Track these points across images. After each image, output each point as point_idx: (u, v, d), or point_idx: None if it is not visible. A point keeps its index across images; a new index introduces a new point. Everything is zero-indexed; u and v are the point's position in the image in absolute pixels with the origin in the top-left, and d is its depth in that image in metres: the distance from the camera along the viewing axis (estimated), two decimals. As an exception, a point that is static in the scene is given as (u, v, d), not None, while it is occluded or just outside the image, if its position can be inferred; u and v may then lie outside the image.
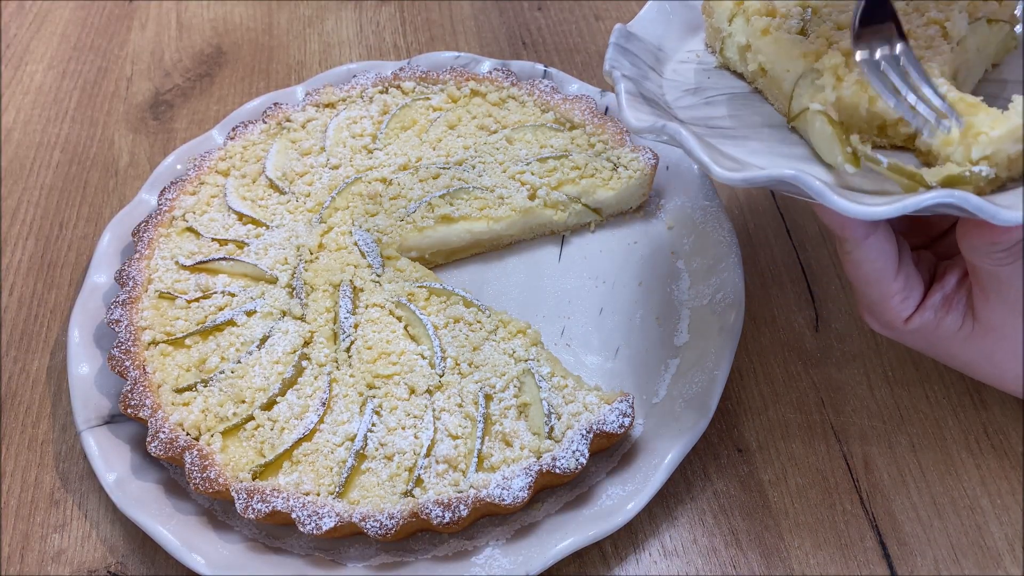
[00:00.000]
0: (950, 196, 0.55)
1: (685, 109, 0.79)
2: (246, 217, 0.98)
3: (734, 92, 0.82)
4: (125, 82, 1.29)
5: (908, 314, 0.69)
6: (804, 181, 0.58)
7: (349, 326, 0.87)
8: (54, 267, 1.05)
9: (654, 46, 0.85)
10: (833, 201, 0.57)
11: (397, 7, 1.39)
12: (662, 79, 0.83)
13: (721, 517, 0.79)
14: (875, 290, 0.68)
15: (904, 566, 0.75)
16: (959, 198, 0.54)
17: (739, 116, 0.78)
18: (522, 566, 0.72)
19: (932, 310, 0.68)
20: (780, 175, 0.59)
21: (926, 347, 0.72)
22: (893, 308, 0.69)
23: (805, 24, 0.79)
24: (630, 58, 0.80)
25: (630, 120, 0.69)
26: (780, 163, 0.69)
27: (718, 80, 0.84)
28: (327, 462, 0.77)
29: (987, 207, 0.54)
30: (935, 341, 0.70)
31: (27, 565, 0.80)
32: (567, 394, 0.79)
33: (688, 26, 0.89)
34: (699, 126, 0.75)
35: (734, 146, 0.71)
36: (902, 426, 0.84)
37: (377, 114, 1.09)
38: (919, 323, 0.69)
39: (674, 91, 0.81)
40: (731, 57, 0.84)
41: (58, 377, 0.94)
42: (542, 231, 1.00)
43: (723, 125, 0.76)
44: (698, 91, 0.82)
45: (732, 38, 0.83)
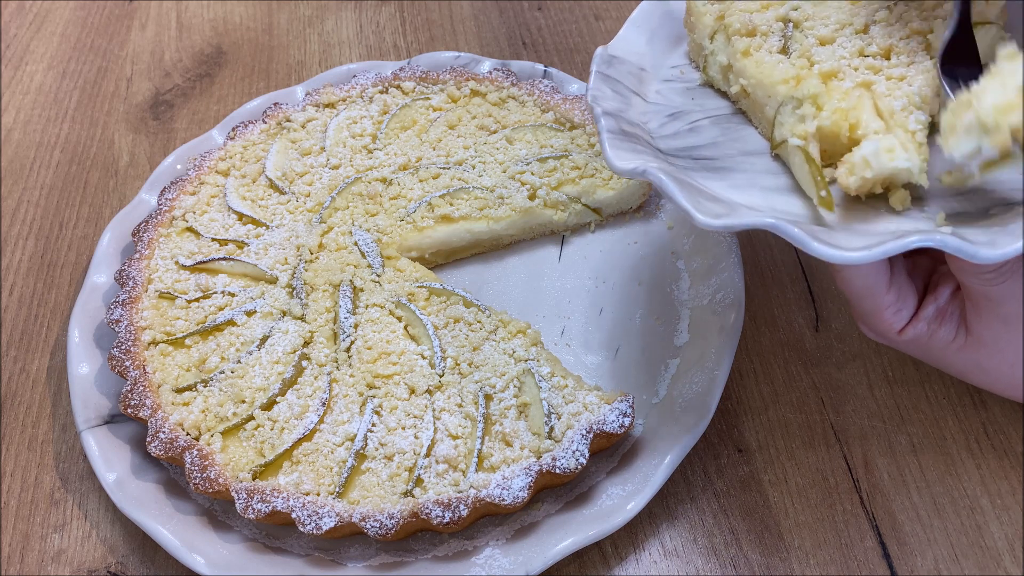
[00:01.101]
0: (930, 239, 0.56)
1: (668, 138, 0.78)
2: (246, 217, 0.98)
3: (718, 114, 0.81)
4: (125, 82, 1.29)
5: (902, 326, 0.69)
6: (783, 230, 0.59)
7: (349, 326, 0.87)
8: (54, 267, 1.05)
9: (636, 66, 0.84)
10: (814, 248, 0.57)
11: (397, 7, 1.39)
12: (646, 103, 0.82)
13: (721, 517, 0.79)
14: (868, 303, 0.69)
15: (904, 566, 0.75)
16: (939, 241, 0.56)
17: (723, 143, 0.77)
18: (522, 566, 0.72)
19: (925, 322, 0.69)
20: (760, 223, 0.60)
21: (921, 355, 0.73)
22: (886, 320, 0.69)
23: (787, 41, 0.78)
24: (612, 85, 0.79)
25: (612, 162, 0.68)
26: (763, 198, 0.69)
27: (702, 100, 0.83)
28: (327, 462, 0.77)
29: (966, 247, 0.55)
30: (929, 351, 0.71)
31: (27, 565, 0.80)
32: (567, 394, 0.79)
33: (672, 38, 0.88)
34: (682, 158, 0.74)
35: (717, 180, 0.71)
36: (902, 426, 0.84)
37: (377, 114, 1.09)
38: (913, 334, 0.69)
39: (657, 117, 0.80)
40: (714, 76, 0.83)
41: (58, 377, 0.94)
42: (542, 231, 1.00)
43: (706, 155, 0.75)
44: (681, 115, 0.81)
45: (714, 56, 0.82)
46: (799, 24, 0.80)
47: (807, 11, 0.80)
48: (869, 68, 0.73)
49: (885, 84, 0.70)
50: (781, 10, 0.81)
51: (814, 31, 0.78)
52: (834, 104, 0.68)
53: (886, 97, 0.69)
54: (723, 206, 0.65)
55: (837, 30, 0.78)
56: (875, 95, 0.70)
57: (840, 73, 0.73)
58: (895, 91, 0.69)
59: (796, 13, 0.81)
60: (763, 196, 0.69)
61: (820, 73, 0.73)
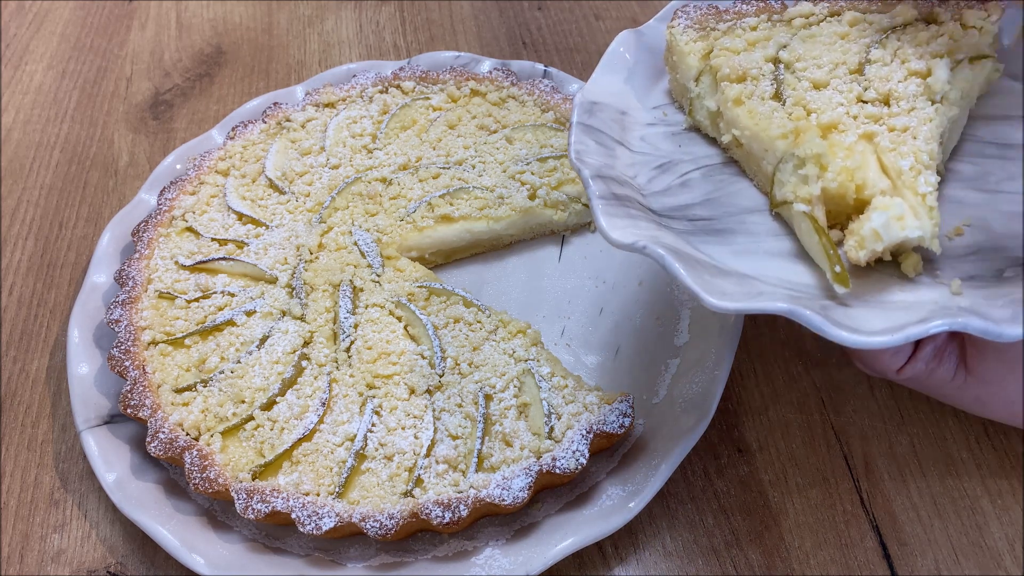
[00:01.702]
0: (953, 323, 0.54)
1: (660, 195, 0.73)
2: (246, 217, 0.98)
3: (709, 163, 0.77)
4: (125, 82, 1.29)
5: (900, 366, 0.68)
6: (802, 316, 0.56)
7: (349, 326, 0.87)
8: (54, 267, 1.05)
9: (617, 111, 0.79)
10: (837, 335, 0.55)
11: (397, 7, 1.39)
12: (632, 153, 0.77)
13: (721, 517, 0.79)
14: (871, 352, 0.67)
15: (904, 566, 0.75)
16: (962, 324, 0.54)
17: (718, 199, 0.73)
18: (522, 566, 0.72)
19: (923, 362, 0.67)
20: (775, 309, 0.57)
21: (917, 388, 0.72)
22: (884, 361, 0.68)
23: (779, 85, 0.74)
24: (595, 136, 0.74)
25: (609, 234, 0.63)
26: (769, 266, 0.66)
27: (690, 147, 0.79)
28: (327, 462, 0.77)
29: (991, 328, 0.54)
30: (927, 387, 0.70)
31: (27, 565, 0.80)
32: (567, 394, 0.79)
33: (651, 73, 0.83)
34: (678, 219, 0.70)
35: (718, 244, 0.68)
36: (902, 426, 0.84)
37: (377, 114, 1.09)
38: (911, 373, 0.68)
39: (645, 170, 0.76)
40: (701, 120, 0.79)
41: (58, 377, 0.94)
42: (542, 231, 1.00)
43: (703, 215, 0.72)
44: (670, 166, 0.77)
45: (701, 100, 0.78)
46: (790, 65, 0.76)
47: (797, 50, 0.76)
48: (869, 117, 0.69)
49: (888, 136, 0.67)
50: (770, 49, 0.77)
51: (807, 73, 0.74)
52: (839, 164, 0.64)
53: (890, 152, 0.66)
54: (731, 281, 0.61)
55: (830, 71, 0.74)
56: (879, 149, 0.66)
57: (840, 124, 0.69)
58: (900, 145, 0.66)
59: (786, 53, 0.77)
60: (768, 263, 0.66)
61: (819, 125, 0.69)
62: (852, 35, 0.78)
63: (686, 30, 0.80)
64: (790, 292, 0.62)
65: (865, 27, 0.78)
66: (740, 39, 0.79)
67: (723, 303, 0.58)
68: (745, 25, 0.81)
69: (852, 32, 0.78)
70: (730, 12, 0.82)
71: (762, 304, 0.57)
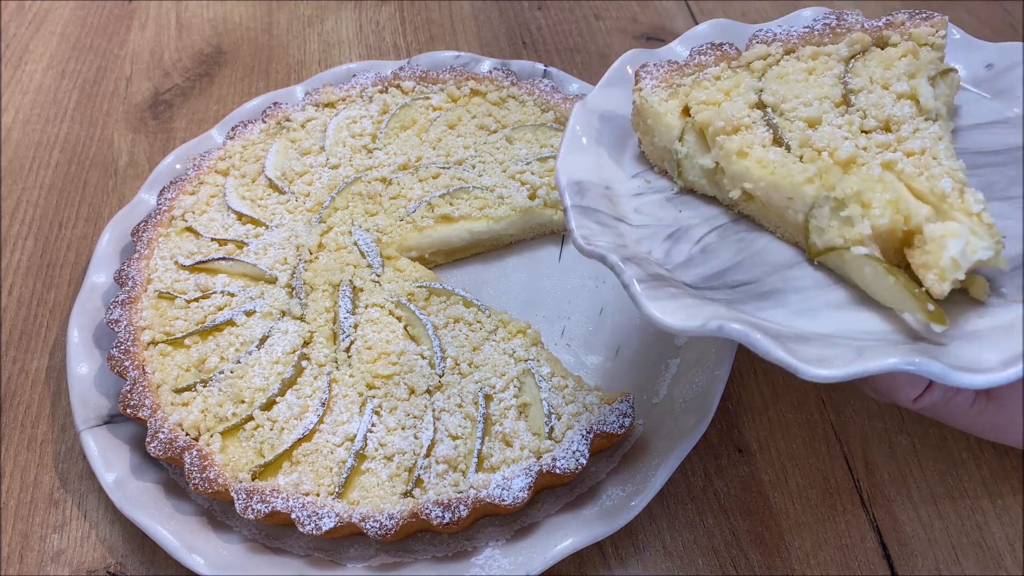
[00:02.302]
0: None
1: (684, 267, 0.68)
2: (245, 217, 0.98)
3: (718, 225, 0.73)
4: (124, 82, 1.29)
5: (916, 395, 0.65)
6: (926, 369, 0.53)
7: (349, 326, 0.87)
8: (53, 267, 1.05)
9: (601, 186, 0.74)
10: (961, 380, 0.52)
11: (397, 7, 1.39)
12: (633, 228, 0.72)
13: (721, 517, 0.79)
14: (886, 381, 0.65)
15: (905, 566, 0.75)
16: None
17: (750, 261, 0.69)
18: (522, 566, 0.72)
19: (941, 391, 0.65)
20: (890, 366, 0.53)
21: (932, 417, 0.69)
22: (901, 392, 0.65)
23: (775, 130, 0.71)
24: (594, 217, 0.69)
25: (667, 322, 0.57)
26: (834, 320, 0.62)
27: (691, 212, 0.74)
28: (327, 462, 0.77)
29: None
30: (943, 416, 0.68)
31: (26, 565, 0.80)
32: (567, 394, 0.79)
33: (617, 141, 0.79)
34: (717, 288, 0.66)
35: (773, 308, 0.63)
36: (903, 426, 0.84)
37: (377, 114, 1.09)
38: (928, 403, 0.66)
39: (656, 243, 0.71)
40: (695, 181, 0.75)
41: (57, 377, 0.94)
42: (542, 231, 1.00)
43: (743, 279, 0.67)
44: (680, 234, 0.72)
45: (691, 160, 0.74)
46: (777, 108, 0.73)
47: (777, 92, 0.74)
48: (880, 146, 0.67)
49: (909, 162, 0.65)
50: (750, 95, 0.75)
51: (797, 113, 0.72)
52: (881, 198, 0.62)
53: (919, 177, 0.64)
54: (816, 345, 0.57)
55: (819, 108, 0.72)
56: (904, 176, 0.64)
57: (858, 158, 0.66)
58: (925, 169, 0.64)
59: (768, 96, 0.74)
60: (833, 316, 0.63)
61: (837, 163, 0.66)
62: (818, 68, 0.76)
63: (654, 90, 0.77)
64: (876, 342, 0.59)
65: (826, 59, 0.77)
66: (712, 90, 0.76)
67: (829, 372, 0.53)
68: (709, 75, 0.78)
69: (817, 66, 0.76)
70: (690, 65, 0.79)
71: (874, 364, 0.53)
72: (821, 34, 0.80)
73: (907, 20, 0.79)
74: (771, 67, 0.78)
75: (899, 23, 0.78)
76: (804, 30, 0.80)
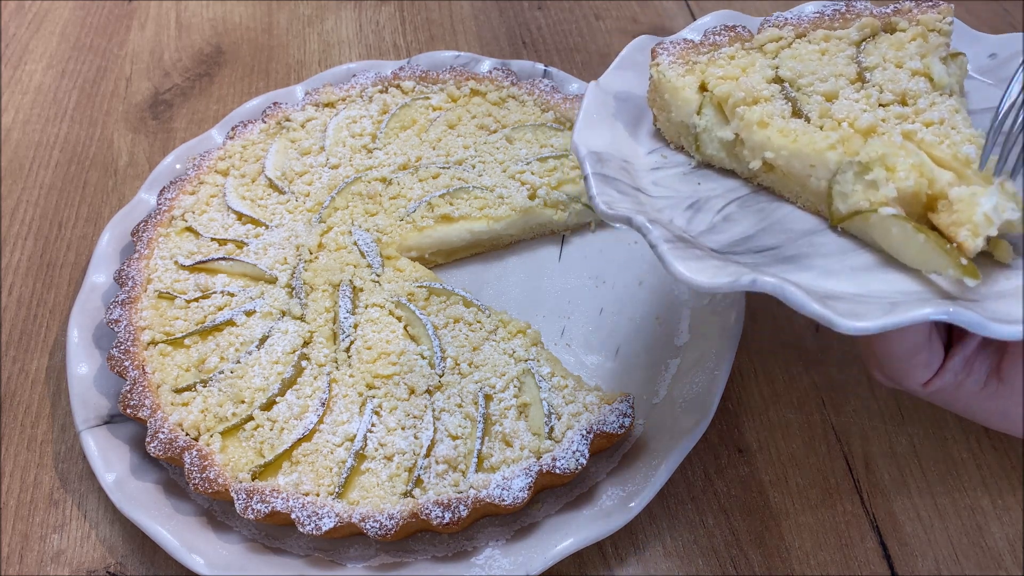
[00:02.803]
0: None
1: (708, 234, 0.68)
2: (245, 217, 0.98)
3: (738, 196, 0.74)
4: (124, 82, 1.29)
5: (928, 379, 0.65)
6: (963, 318, 0.52)
7: (349, 326, 0.87)
8: (53, 267, 1.05)
9: (619, 159, 0.74)
10: (997, 330, 0.52)
11: (397, 7, 1.39)
12: (654, 199, 0.72)
13: (721, 517, 0.79)
14: (902, 364, 0.65)
15: (905, 566, 0.75)
16: None
17: (771, 229, 0.69)
18: (522, 566, 0.72)
19: (952, 373, 0.65)
20: (925, 316, 0.52)
21: (939, 403, 0.69)
22: (915, 376, 0.65)
23: (794, 103, 0.72)
24: (614, 185, 0.69)
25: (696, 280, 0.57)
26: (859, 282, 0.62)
27: (710, 184, 0.75)
28: (327, 462, 0.77)
29: None
30: (950, 400, 0.68)
31: (26, 565, 0.80)
32: (567, 394, 0.79)
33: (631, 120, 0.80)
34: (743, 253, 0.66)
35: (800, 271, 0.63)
36: (903, 426, 0.84)
37: (377, 114, 1.09)
38: (939, 386, 0.66)
39: (678, 213, 0.71)
40: (714, 154, 0.76)
41: (57, 377, 0.94)
42: (542, 231, 1.00)
43: (768, 244, 0.67)
44: (701, 204, 0.72)
45: (710, 133, 0.75)
46: (794, 83, 0.74)
47: (794, 67, 0.75)
48: (899, 117, 0.68)
49: (928, 131, 0.66)
50: (767, 71, 0.76)
51: (813, 88, 0.73)
52: (906, 162, 0.63)
53: (938, 145, 0.65)
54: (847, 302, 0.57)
55: (835, 84, 0.73)
56: (924, 144, 0.65)
57: (878, 128, 0.68)
58: (944, 138, 0.65)
59: (785, 72, 0.75)
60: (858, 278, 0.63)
61: (858, 131, 0.67)
62: (831, 50, 0.78)
63: (671, 66, 0.78)
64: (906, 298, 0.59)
65: (837, 42, 0.78)
66: (728, 67, 0.77)
67: (864, 323, 0.52)
68: (724, 55, 0.79)
69: (829, 47, 0.78)
70: (705, 45, 0.80)
71: (909, 315, 0.52)
72: (831, 19, 0.81)
73: (914, 7, 0.80)
74: (784, 49, 0.79)
75: (906, 10, 0.80)
76: (815, 15, 0.82)
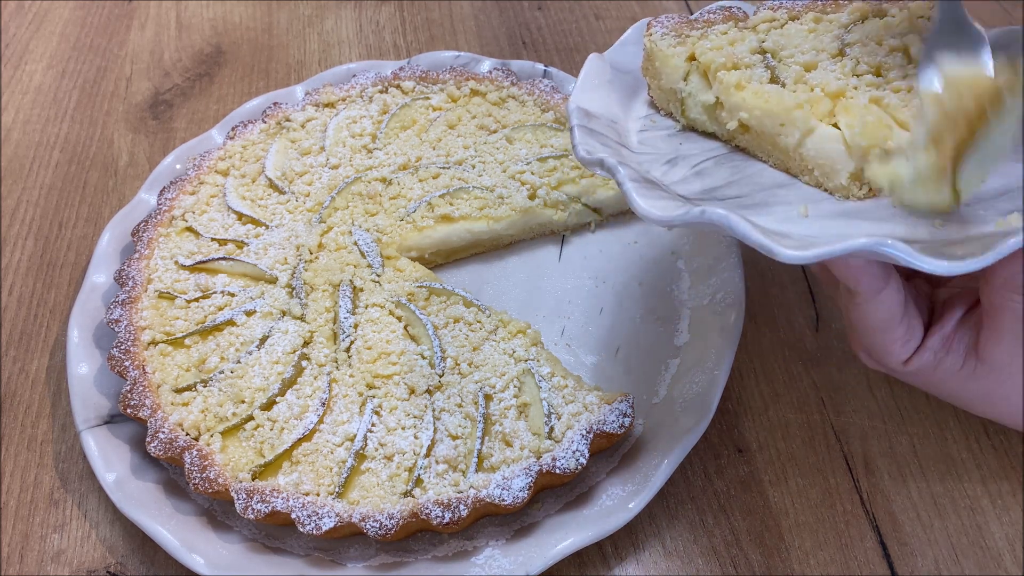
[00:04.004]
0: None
1: (679, 184, 0.73)
2: (245, 217, 0.98)
3: (715, 155, 0.78)
4: (124, 82, 1.29)
5: (907, 356, 0.67)
6: (893, 248, 0.54)
7: (349, 326, 0.87)
8: (53, 267, 1.05)
9: (609, 119, 0.79)
10: (924, 263, 0.54)
11: (397, 7, 1.39)
12: (635, 154, 0.77)
13: (721, 517, 0.79)
14: (879, 337, 0.67)
15: (905, 566, 0.75)
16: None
17: (741, 182, 0.74)
18: (522, 566, 0.72)
19: (931, 351, 0.67)
20: (859, 246, 0.55)
21: (922, 385, 0.71)
22: (893, 352, 0.67)
23: (772, 71, 0.77)
24: (598, 138, 0.73)
25: (651, 213, 0.61)
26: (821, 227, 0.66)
27: (691, 145, 0.80)
28: (327, 462, 0.77)
29: None
30: (932, 380, 0.69)
31: (26, 565, 0.80)
32: (567, 394, 0.79)
33: (627, 90, 0.84)
34: (708, 200, 0.70)
35: (760, 216, 0.67)
36: (902, 426, 0.84)
37: (377, 114, 1.09)
38: (918, 364, 0.67)
39: (655, 166, 0.76)
40: (696, 118, 0.80)
41: (57, 377, 0.94)
42: (542, 231, 1.00)
43: (733, 194, 0.72)
44: (679, 160, 0.77)
45: (693, 97, 0.79)
46: (776, 54, 0.78)
47: (778, 41, 0.79)
48: (871, 84, 0.72)
49: (896, 97, 0.70)
50: (752, 43, 0.80)
51: (794, 59, 0.77)
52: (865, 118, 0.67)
53: (903, 109, 0.69)
54: (795, 241, 0.59)
55: (815, 56, 0.77)
56: (890, 108, 0.69)
57: (848, 92, 0.71)
58: (910, 102, 0.69)
59: (769, 44, 0.79)
60: (817, 224, 0.67)
61: (827, 93, 0.71)
62: (819, 30, 0.81)
63: (664, 37, 0.82)
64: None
65: (827, 24, 0.82)
66: (718, 40, 0.81)
67: (800, 253, 0.55)
68: (716, 31, 0.83)
69: (819, 28, 0.81)
70: (699, 22, 0.84)
71: (844, 245, 0.54)
72: (824, 4, 0.84)
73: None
74: (775, 29, 0.82)
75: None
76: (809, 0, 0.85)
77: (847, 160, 0.68)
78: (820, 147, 0.70)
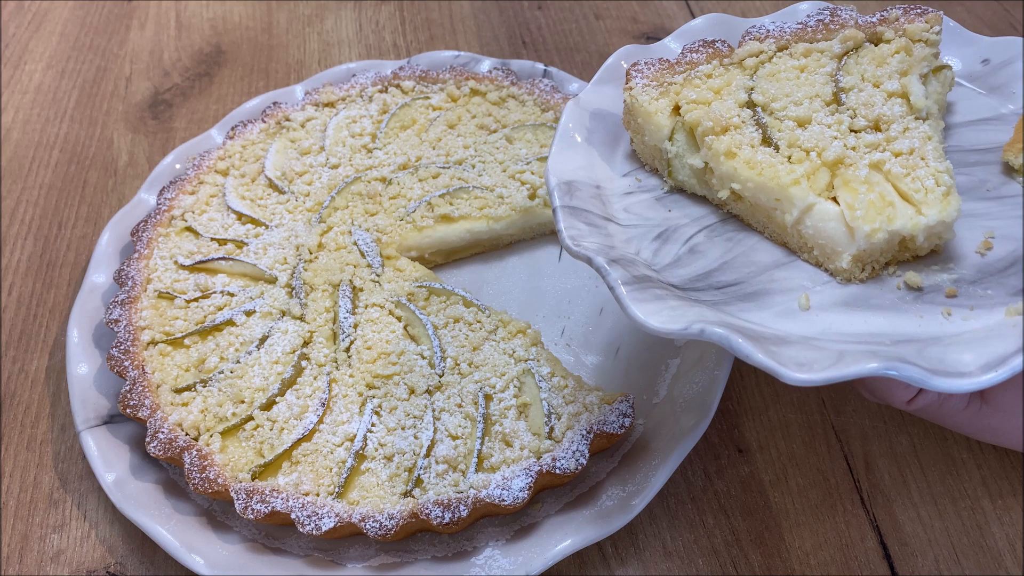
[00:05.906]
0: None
1: (672, 268, 0.69)
2: (245, 217, 0.98)
3: (708, 224, 0.74)
4: (124, 81, 1.29)
5: (910, 398, 0.65)
6: (906, 375, 0.53)
7: (349, 326, 0.86)
8: (53, 267, 1.04)
9: (591, 186, 0.74)
10: (939, 384, 0.53)
11: (397, 6, 1.39)
12: (623, 228, 0.72)
13: (721, 517, 0.79)
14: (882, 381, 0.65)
15: (905, 566, 0.75)
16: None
17: (737, 261, 0.70)
18: (522, 566, 0.72)
19: (935, 393, 0.65)
20: (869, 371, 0.53)
21: (926, 418, 0.70)
22: (897, 394, 0.65)
23: (764, 130, 0.71)
24: (582, 217, 0.69)
25: (650, 324, 0.58)
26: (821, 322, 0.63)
27: (680, 211, 0.75)
28: (327, 462, 0.77)
29: None
30: (937, 416, 0.68)
31: (26, 565, 0.80)
32: (567, 394, 0.79)
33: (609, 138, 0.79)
34: (703, 290, 0.66)
35: (759, 310, 0.64)
36: (903, 426, 0.84)
37: (377, 113, 1.09)
38: (922, 404, 0.66)
39: (645, 243, 0.71)
40: (685, 180, 0.75)
41: (57, 377, 0.93)
42: (542, 231, 1.00)
43: (728, 280, 0.68)
44: (669, 234, 0.72)
45: (681, 159, 0.74)
46: (767, 107, 0.73)
47: (768, 91, 0.74)
48: (869, 146, 0.68)
49: (897, 162, 0.66)
50: (740, 94, 0.74)
51: (786, 112, 0.72)
52: (864, 199, 0.64)
53: (905, 178, 0.65)
54: (798, 348, 0.57)
55: (809, 107, 0.72)
56: (892, 176, 0.65)
57: (846, 159, 0.67)
58: (913, 170, 0.65)
59: (759, 95, 0.74)
60: (817, 318, 0.63)
61: (825, 164, 0.67)
62: (810, 66, 0.76)
63: (645, 89, 0.76)
64: (858, 345, 0.59)
65: (818, 56, 0.77)
66: (702, 89, 0.76)
67: (808, 376, 0.53)
68: (700, 73, 0.77)
69: (809, 63, 0.76)
70: (681, 63, 0.78)
71: (853, 368, 0.53)
72: (815, 30, 0.79)
73: (901, 16, 0.78)
74: (763, 64, 0.77)
75: (893, 19, 0.78)
76: (798, 26, 0.80)
77: (849, 243, 0.64)
78: (820, 227, 0.66)
